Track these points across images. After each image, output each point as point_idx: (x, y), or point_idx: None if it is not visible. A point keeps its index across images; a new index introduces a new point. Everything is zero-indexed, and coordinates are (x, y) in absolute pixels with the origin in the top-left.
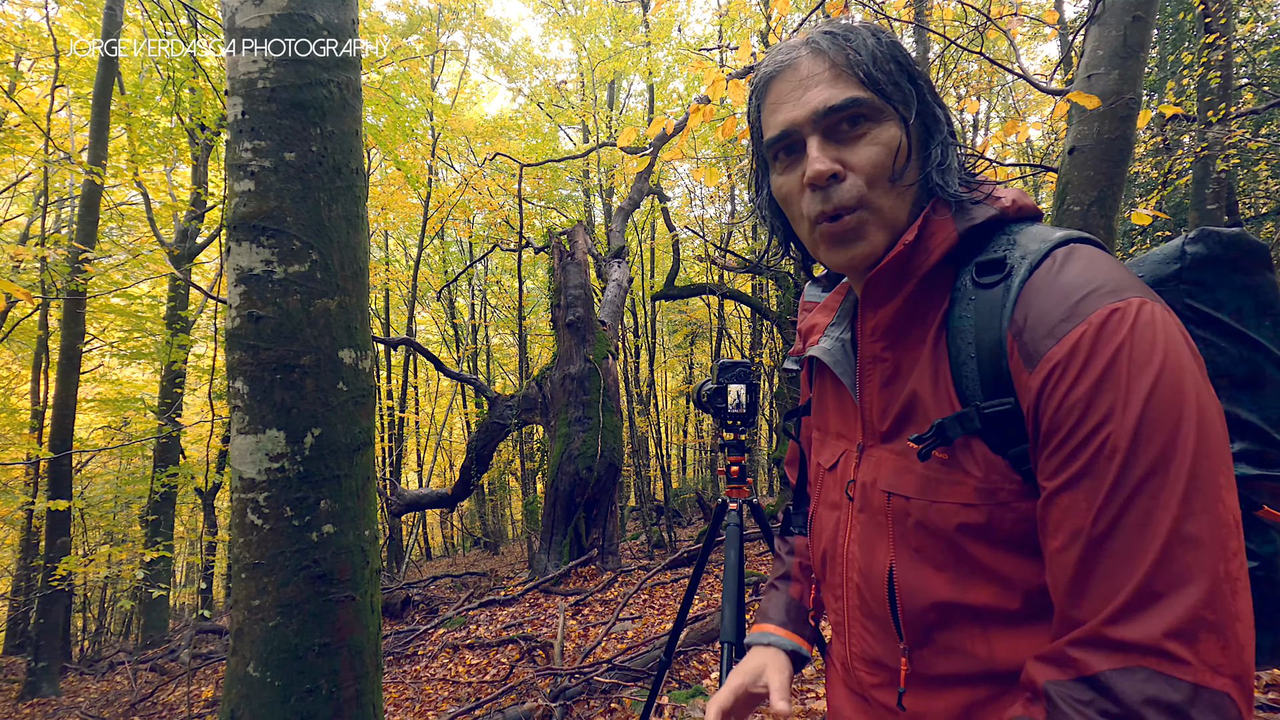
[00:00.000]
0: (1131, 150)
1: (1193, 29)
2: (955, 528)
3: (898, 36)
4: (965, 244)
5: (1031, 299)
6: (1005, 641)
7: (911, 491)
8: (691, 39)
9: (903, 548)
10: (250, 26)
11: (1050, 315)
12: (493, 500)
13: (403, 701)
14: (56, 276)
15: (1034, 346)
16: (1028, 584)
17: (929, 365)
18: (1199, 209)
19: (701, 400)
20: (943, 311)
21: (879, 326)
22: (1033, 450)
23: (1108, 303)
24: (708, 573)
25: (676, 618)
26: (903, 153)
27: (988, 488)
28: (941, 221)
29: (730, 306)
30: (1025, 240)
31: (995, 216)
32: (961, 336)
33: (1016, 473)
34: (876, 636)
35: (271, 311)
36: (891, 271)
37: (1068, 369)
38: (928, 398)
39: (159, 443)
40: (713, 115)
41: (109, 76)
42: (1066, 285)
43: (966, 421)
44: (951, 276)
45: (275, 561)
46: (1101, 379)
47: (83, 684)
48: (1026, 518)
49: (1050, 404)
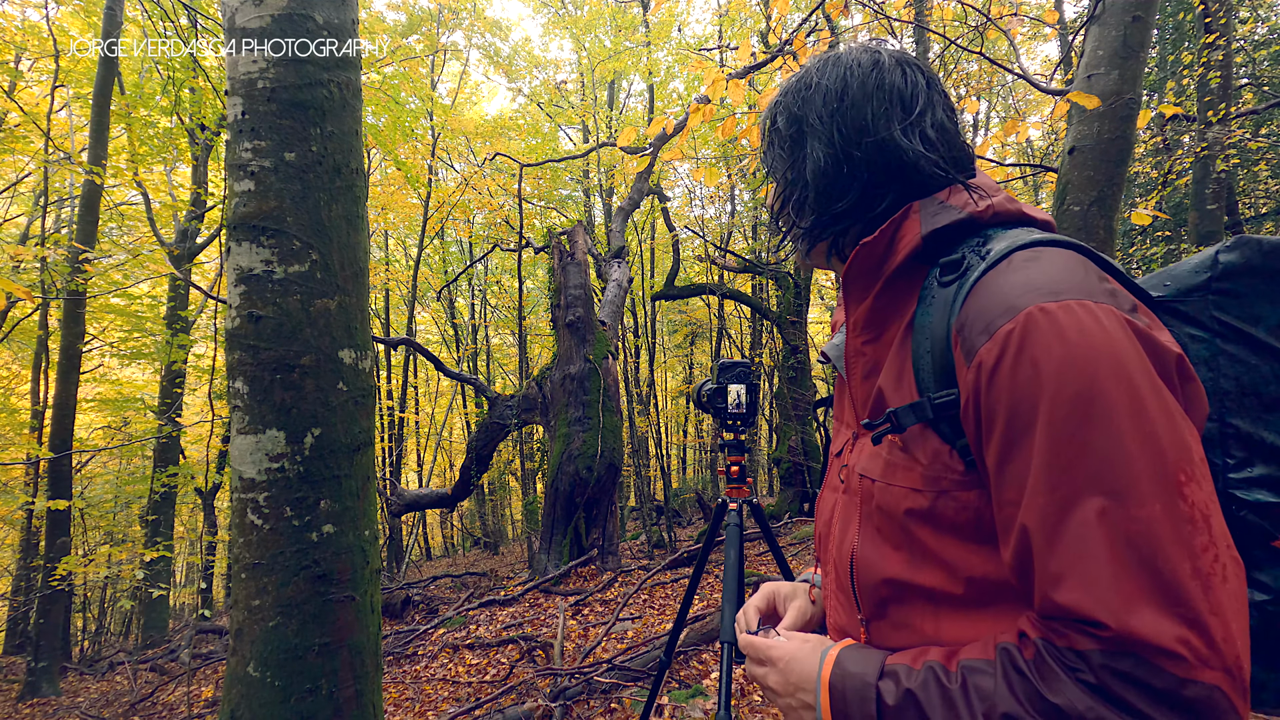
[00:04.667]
0: (1131, 150)
1: (1193, 29)
2: (903, 511)
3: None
4: (932, 246)
5: (977, 297)
6: (953, 623)
7: (876, 474)
8: (691, 39)
9: (867, 526)
10: (250, 26)
11: (988, 312)
12: (493, 500)
13: (403, 701)
14: (56, 276)
15: (971, 342)
16: (971, 571)
17: (895, 361)
18: (1199, 209)
19: (701, 400)
20: (912, 310)
21: (858, 323)
22: (973, 442)
23: (1040, 301)
24: (708, 573)
25: (676, 618)
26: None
27: (933, 475)
28: (911, 224)
29: (730, 306)
30: (996, 242)
31: (962, 220)
32: (921, 333)
33: (961, 462)
34: (845, 608)
35: (271, 311)
36: (862, 271)
37: (998, 364)
38: (890, 391)
39: (159, 443)
40: (713, 115)
41: (109, 76)
42: (1010, 285)
43: (919, 411)
44: (924, 277)
45: (275, 561)
46: (1026, 375)
47: (83, 684)
48: (967, 507)
49: (981, 398)
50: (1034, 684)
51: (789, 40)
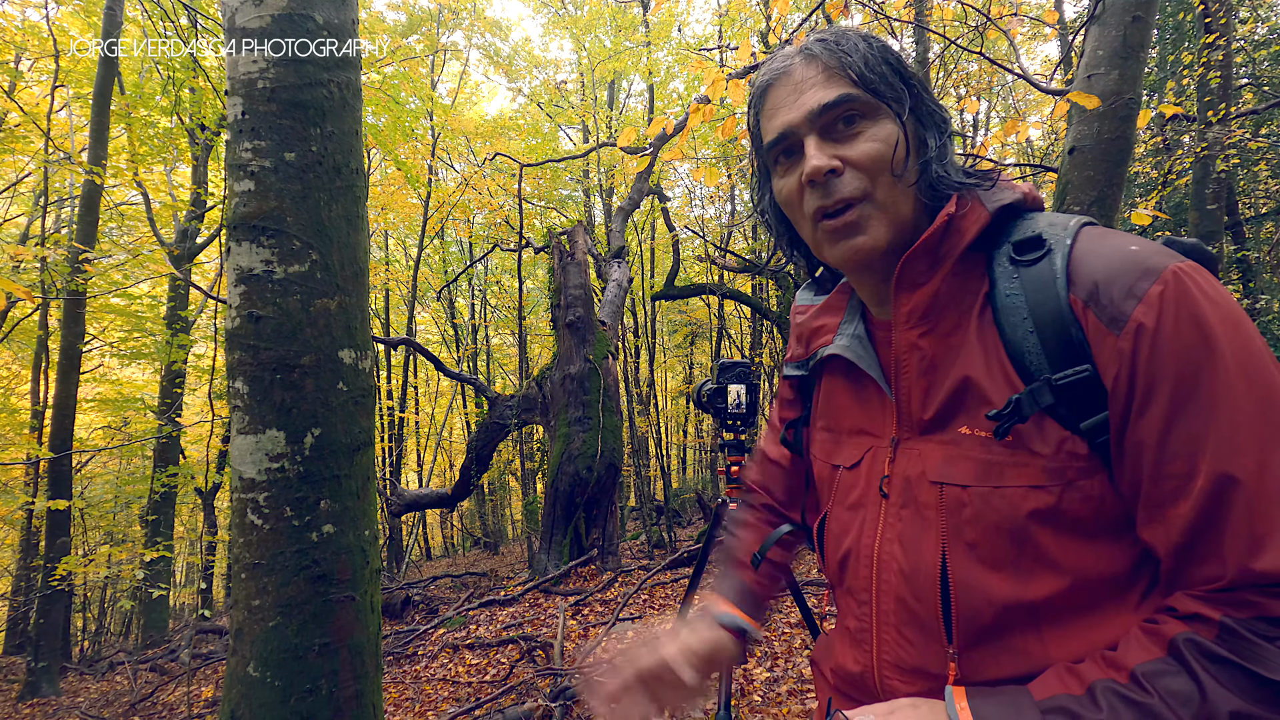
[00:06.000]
0: (1131, 150)
1: (1193, 29)
2: (1026, 514)
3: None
4: (995, 226)
5: (1088, 267)
6: (1058, 638)
7: (969, 479)
8: (691, 39)
9: (956, 543)
10: (250, 26)
11: (1124, 277)
12: (493, 500)
13: (403, 701)
14: (56, 276)
15: (1116, 309)
16: (1087, 572)
17: (977, 347)
18: (1199, 209)
19: (701, 400)
20: (984, 294)
21: (915, 310)
22: (1119, 417)
23: (1172, 262)
24: (707, 573)
25: (676, 618)
26: (900, 148)
27: (1057, 466)
28: (972, 204)
29: (730, 306)
30: (1045, 224)
31: (1019, 200)
32: (1014, 313)
33: (1086, 446)
34: (916, 643)
35: (271, 311)
36: (925, 253)
37: (1158, 325)
38: (982, 380)
39: (159, 443)
40: (713, 115)
41: (109, 76)
42: (1122, 251)
43: (1040, 396)
44: (982, 260)
45: (275, 561)
46: (1193, 334)
47: (83, 684)
48: (1092, 497)
49: (1140, 363)
50: (1244, 665)
51: (789, 40)
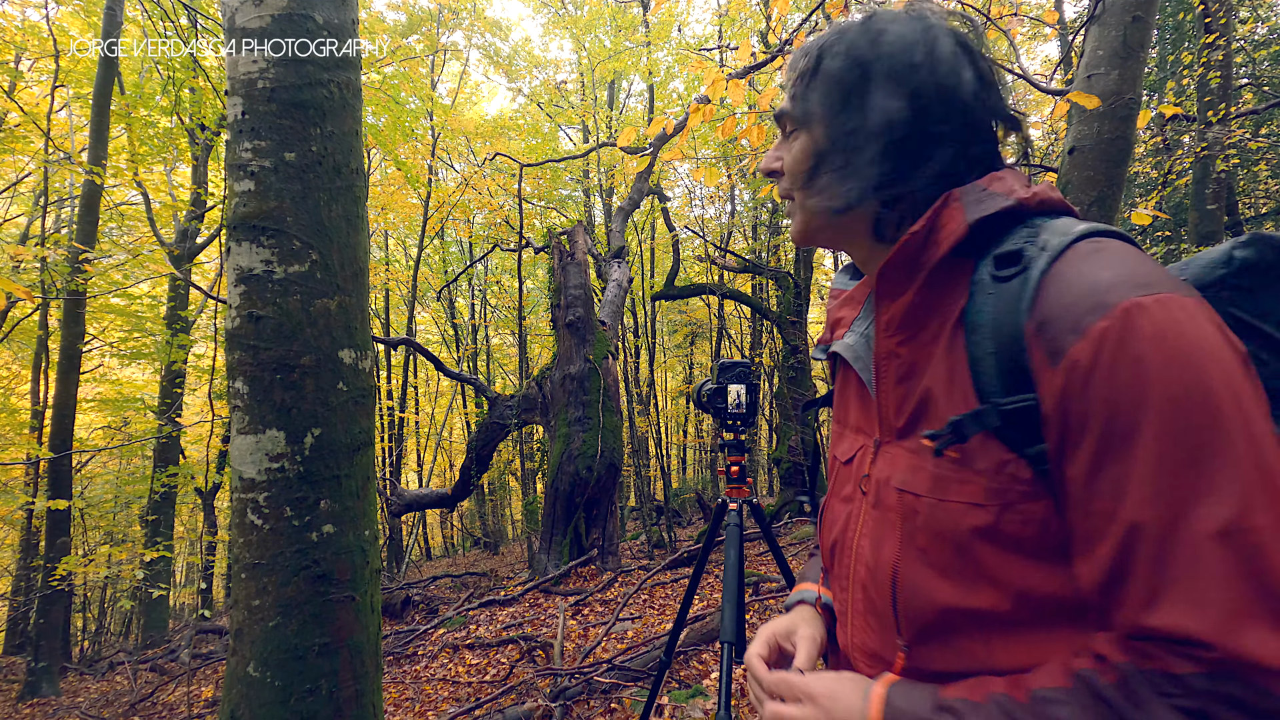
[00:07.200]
0: (1131, 150)
1: (1193, 29)
2: (967, 529)
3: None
4: (978, 236)
5: (1052, 291)
6: (1005, 646)
7: (922, 489)
8: (691, 39)
9: (909, 547)
10: (250, 26)
11: (1074, 308)
12: (493, 500)
13: (403, 701)
14: (56, 276)
15: (1057, 342)
16: (1031, 590)
17: (944, 362)
18: (1199, 209)
19: (701, 400)
20: (960, 306)
21: (893, 320)
22: (1055, 450)
23: (1134, 295)
24: (708, 573)
25: (676, 618)
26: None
27: (996, 487)
28: (953, 212)
29: (730, 306)
30: (1048, 233)
31: (1010, 208)
32: (980, 332)
33: (1030, 471)
34: (876, 631)
35: (271, 311)
36: (901, 263)
37: (1095, 364)
38: (941, 395)
39: (159, 443)
40: (713, 115)
41: (109, 76)
42: (1090, 278)
43: (984, 419)
44: (970, 270)
45: (275, 561)
46: (1129, 375)
47: (83, 684)
48: (1033, 520)
49: (1072, 401)
50: (1123, 712)
51: (789, 40)
